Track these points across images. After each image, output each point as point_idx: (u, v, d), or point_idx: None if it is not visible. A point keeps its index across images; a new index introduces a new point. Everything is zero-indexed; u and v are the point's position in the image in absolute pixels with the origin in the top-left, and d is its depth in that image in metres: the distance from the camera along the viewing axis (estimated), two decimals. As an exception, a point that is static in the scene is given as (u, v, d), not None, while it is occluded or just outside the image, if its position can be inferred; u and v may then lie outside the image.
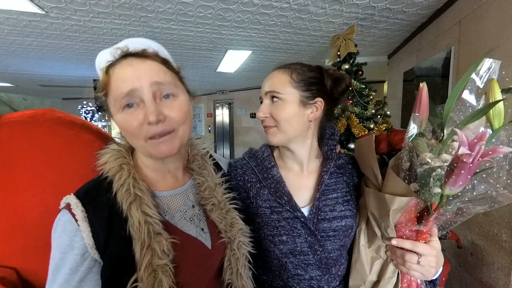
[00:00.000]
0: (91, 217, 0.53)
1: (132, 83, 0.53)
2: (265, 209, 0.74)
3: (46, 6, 1.95)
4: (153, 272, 0.52)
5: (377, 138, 0.73)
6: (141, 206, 0.55)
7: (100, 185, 0.56)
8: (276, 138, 0.74)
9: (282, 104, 0.72)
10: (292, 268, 0.72)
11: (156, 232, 0.54)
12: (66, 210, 0.54)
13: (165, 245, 0.54)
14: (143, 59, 0.56)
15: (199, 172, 0.70)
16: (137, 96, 0.53)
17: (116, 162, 0.58)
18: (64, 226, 0.53)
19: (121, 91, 0.53)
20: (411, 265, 0.62)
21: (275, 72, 0.77)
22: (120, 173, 0.56)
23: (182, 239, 0.58)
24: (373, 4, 1.97)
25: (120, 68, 0.55)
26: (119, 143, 0.63)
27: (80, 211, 0.52)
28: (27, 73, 4.39)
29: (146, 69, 0.55)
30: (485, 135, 0.43)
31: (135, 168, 0.59)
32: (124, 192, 0.55)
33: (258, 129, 6.68)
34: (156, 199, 0.61)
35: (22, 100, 6.99)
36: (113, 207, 0.54)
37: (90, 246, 0.52)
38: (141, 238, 0.52)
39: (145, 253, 0.52)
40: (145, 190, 0.57)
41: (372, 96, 2.08)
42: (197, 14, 2.13)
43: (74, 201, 0.53)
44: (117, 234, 0.53)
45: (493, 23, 1.47)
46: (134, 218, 0.53)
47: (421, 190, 0.55)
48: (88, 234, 0.52)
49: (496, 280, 1.43)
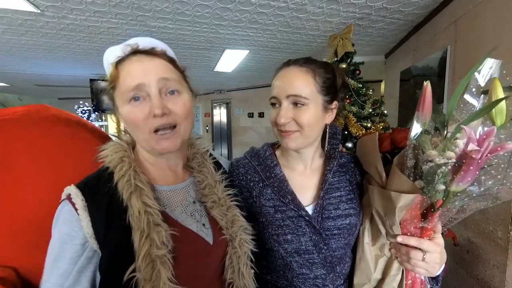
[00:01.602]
0: (91, 206, 0.53)
1: (141, 78, 0.56)
2: (268, 208, 0.74)
3: (42, 4, 1.92)
4: (152, 262, 0.52)
5: (380, 136, 0.74)
6: (141, 196, 0.55)
7: (100, 176, 0.57)
8: (296, 143, 0.71)
9: (307, 109, 0.67)
10: (297, 267, 0.72)
11: (155, 223, 0.55)
12: (66, 200, 0.54)
13: (164, 235, 0.54)
14: (152, 56, 0.59)
15: (199, 170, 0.71)
16: (144, 91, 0.56)
17: (117, 154, 0.59)
18: (64, 216, 0.53)
19: (129, 85, 0.56)
20: (416, 262, 0.63)
21: (296, 71, 0.69)
22: (121, 165, 0.58)
23: (182, 232, 0.59)
24: (370, 4, 1.99)
25: (129, 64, 0.58)
26: (121, 138, 0.64)
27: (80, 200, 0.53)
28: (22, 73, 4.33)
29: (155, 66, 0.58)
30: (493, 132, 0.44)
31: (135, 162, 0.60)
32: (125, 182, 0.56)
33: (256, 128, 6.69)
34: (157, 193, 0.62)
35: (18, 100, 6.90)
36: (113, 197, 0.55)
37: (89, 236, 0.52)
38: (140, 227, 0.53)
39: (144, 242, 0.52)
40: (146, 182, 0.58)
41: (369, 95, 2.10)
42: (194, 14, 2.12)
43: (74, 191, 0.54)
44: (117, 224, 0.54)
45: (489, 22, 1.49)
46: (134, 208, 0.54)
47: (426, 187, 0.55)
48: (88, 223, 0.52)
49: (491, 277, 1.45)
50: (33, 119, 0.70)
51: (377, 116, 2.08)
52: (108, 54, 0.61)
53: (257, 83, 5.87)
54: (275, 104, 0.72)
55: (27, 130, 0.68)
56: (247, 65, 3.99)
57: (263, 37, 2.72)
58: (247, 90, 6.55)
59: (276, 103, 0.71)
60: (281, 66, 0.74)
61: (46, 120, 0.71)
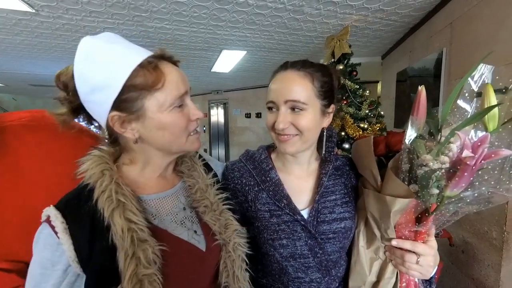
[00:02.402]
0: (72, 228, 0.51)
1: (185, 86, 0.59)
2: (264, 212, 0.74)
3: (37, 4, 1.91)
4: (139, 282, 0.50)
5: (375, 140, 0.74)
6: (124, 212, 0.53)
7: (80, 194, 0.54)
8: (294, 147, 0.70)
9: (305, 114, 0.67)
10: (292, 272, 0.72)
11: (141, 239, 0.52)
12: (46, 223, 0.52)
13: (151, 252, 0.52)
14: (175, 65, 0.61)
15: (189, 174, 0.69)
16: (185, 98, 0.60)
17: (98, 168, 0.56)
18: (45, 240, 0.51)
19: (178, 92, 0.57)
20: (411, 265, 0.63)
21: (293, 75, 0.68)
22: (101, 180, 0.54)
23: (173, 243, 0.58)
24: (366, 6, 2.00)
25: (171, 71, 0.58)
26: (101, 149, 0.60)
27: (60, 223, 0.50)
28: (17, 73, 4.30)
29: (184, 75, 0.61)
30: (487, 138, 0.44)
31: (118, 173, 0.57)
32: (106, 199, 0.53)
33: (253, 129, 6.68)
34: (143, 204, 0.60)
35: (12, 100, 6.83)
36: (95, 216, 0.52)
37: (71, 259, 0.50)
38: (124, 247, 0.50)
39: (129, 262, 0.50)
40: (129, 195, 0.55)
41: (366, 96, 2.11)
42: (191, 14, 2.12)
43: (53, 212, 0.52)
44: (100, 244, 0.51)
45: (484, 25, 1.50)
46: (117, 226, 0.51)
47: (421, 191, 0.56)
48: (70, 246, 0.50)
49: (486, 276, 1.47)
50: (39, 124, 0.72)
51: (373, 117, 2.10)
52: (128, 54, 0.54)
53: (255, 83, 5.87)
54: (272, 108, 0.71)
55: (34, 135, 0.70)
56: (245, 66, 3.99)
57: (260, 38, 2.72)
58: (244, 90, 6.55)
59: (273, 107, 0.70)
60: (278, 69, 0.72)
61: (52, 125, 0.73)
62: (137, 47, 0.57)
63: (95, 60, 0.53)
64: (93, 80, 0.53)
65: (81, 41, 0.54)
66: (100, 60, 0.53)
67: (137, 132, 0.57)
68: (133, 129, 0.57)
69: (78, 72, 0.54)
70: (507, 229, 1.31)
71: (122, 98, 0.54)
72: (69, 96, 0.57)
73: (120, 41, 0.56)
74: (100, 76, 0.52)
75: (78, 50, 0.53)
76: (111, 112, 0.55)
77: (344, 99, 2.08)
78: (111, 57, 0.53)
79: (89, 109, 0.58)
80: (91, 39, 0.54)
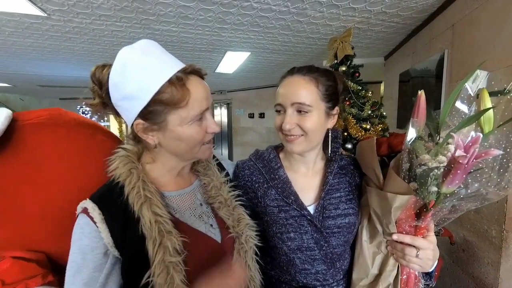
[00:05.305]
0: (108, 219, 0.58)
1: (207, 102, 0.64)
2: (273, 208, 0.79)
3: (49, 9, 1.96)
4: (166, 268, 0.57)
5: (378, 141, 0.78)
6: (151, 206, 0.60)
7: (113, 190, 0.61)
8: (301, 147, 0.75)
9: (310, 116, 0.72)
10: (299, 263, 0.76)
11: (167, 231, 0.59)
12: (83, 214, 0.58)
13: (176, 243, 0.59)
14: (201, 78, 0.66)
15: (204, 173, 0.76)
16: (206, 113, 0.64)
17: (126, 167, 0.63)
18: (83, 229, 0.57)
19: (200, 110, 0.62)
20: (411, 258, 0.67)
21: (299, 80, 0.73)
22: (130, 178, 0.62)
23: (192, 235, 0.64)
24: (369, 8, 2.03)
25: (197, 88, 0.61)
26: (126, 149, 0.67)
27: (98, 214, 0.57)
28: (26, 74, 4.36)
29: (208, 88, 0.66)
30: (479, 139, 0.49)
31: (143, 172, 0.64)
32: (135, 194, 0.60)
33: (257, 129, 6.71)
34: (166, 199, 0.66)
35: (19, 100, 6.91)
36: (126, 209, 0.59)
37: (110, 245, 0.57)
38: (152, 237, 0.57)
39: (157, 250, 0.57)
40: (154, 191, 0.62)
41: (368, 97, 2.13)
42: (197, 17, 2.16)
43: (90, 205, 0.58)
44: (132, 233, 0.58)
45: (485, 27, 1.53)
46: (145, 218, 0.58)
47: (420, 188, 0.60)
48: (107, 234, 0.57)
49: (486, 274, 1.50)
50: (57, 122, 0.75)
51: (376, 117, 2.12)
52: (159, 69, 0.58)
53: (258, 84, 5.90)
54: (279, 111, 0.76)
55: (52, 132, 0.73)
56: (248, 67, 4.03)
57: (264, 40, 2.75)
58: (247, 90, 6.58)
59: (281, 109, 0.76)
60: (285, 75, 0.78)
61: (68, 122, 0.77)
62: (170, 59, 0.61)
63: (129, 74, 0.58)
64: (125, 90, 0.59)
65: (120, 52, 0.59)
66: (133, 74, 0.57)
67: (157, 139, 0.63)
68: (154, 136, 0.63)
69: (113, 80, 0.60)
70: (506, 228, 1.33)
71: (148, 110, 0.59)
72: (101, 92, 0.64)
73: (154, 52, 0.60)
74: (131, 88, 0.58)
75: (116, 60, 0.59)
76: (137, 120, 0.61)
77: (346, 100, 2.10)
78: (144, 71, 0.58)
79: (118, 110, 0.64)
80: (129, 50, 0.59)
